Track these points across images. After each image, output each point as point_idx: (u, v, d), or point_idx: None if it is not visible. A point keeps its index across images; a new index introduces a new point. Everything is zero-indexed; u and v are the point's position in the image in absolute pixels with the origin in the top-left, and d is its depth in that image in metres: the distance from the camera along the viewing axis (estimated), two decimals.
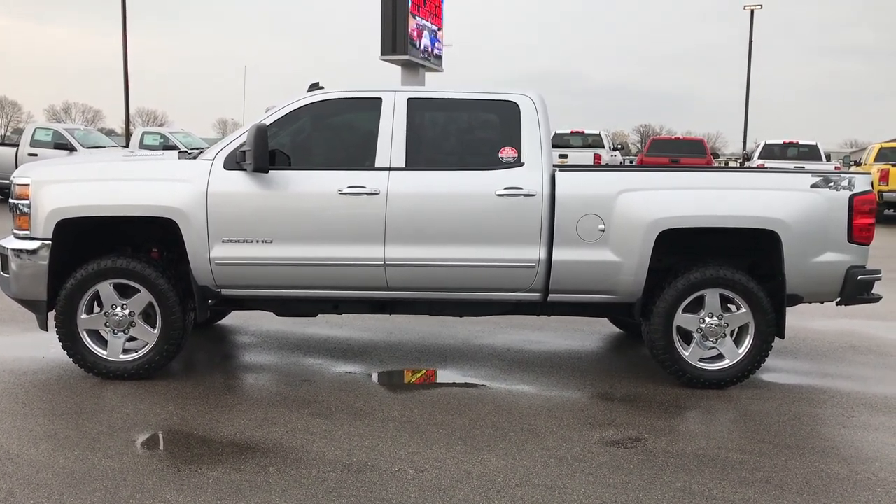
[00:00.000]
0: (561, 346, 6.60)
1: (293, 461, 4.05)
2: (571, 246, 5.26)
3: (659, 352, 5.38)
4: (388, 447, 4.26)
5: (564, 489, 3.78)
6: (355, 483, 3.80)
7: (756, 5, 38.94)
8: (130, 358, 5.34)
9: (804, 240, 5.24)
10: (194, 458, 4.08)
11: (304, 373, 5.68)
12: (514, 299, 5.48)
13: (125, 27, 30.73)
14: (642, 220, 5.21)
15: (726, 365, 5.37)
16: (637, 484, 3.86)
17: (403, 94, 5.46)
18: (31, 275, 5.24)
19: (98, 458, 4.04)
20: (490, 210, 5.26)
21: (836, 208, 5.29)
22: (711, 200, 5.31)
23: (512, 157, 5.35)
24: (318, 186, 5.30)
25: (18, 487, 3.69)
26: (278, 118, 5.40)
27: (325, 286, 5.38)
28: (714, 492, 3.79)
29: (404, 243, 5.26)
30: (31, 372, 5.51)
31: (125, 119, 33.83)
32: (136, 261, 5.28)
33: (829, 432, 4.69)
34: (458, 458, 4.12)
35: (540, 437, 4.46)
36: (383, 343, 6.57)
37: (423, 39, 24.57)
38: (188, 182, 5.25)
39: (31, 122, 27.63)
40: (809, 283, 5.34)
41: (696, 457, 4.22)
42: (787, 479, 3.95)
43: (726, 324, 5.34)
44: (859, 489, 3.87)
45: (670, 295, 5.30)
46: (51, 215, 5.21)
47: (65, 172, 5.51)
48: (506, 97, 5.50)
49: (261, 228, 5.26)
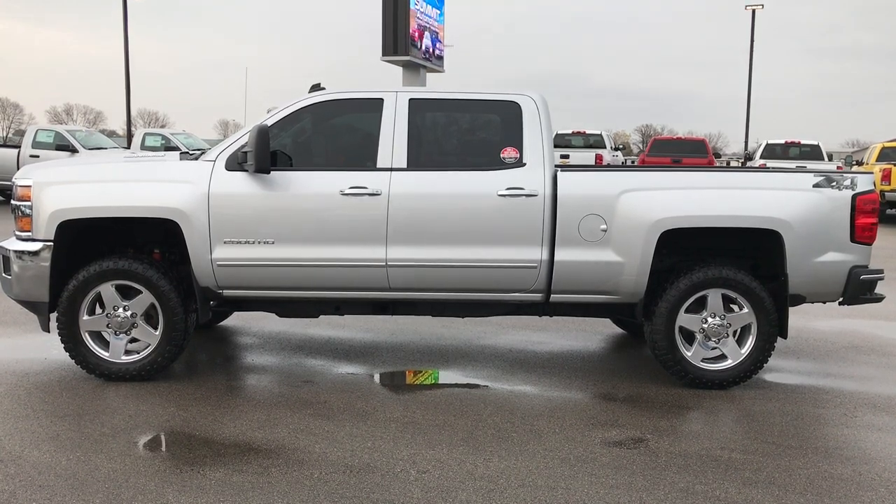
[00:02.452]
0: (563, 347, 6.59)
1: (295, 462, 4.05)
2: (573, 246, 5.26)
3: (661, 352, 5.37)
4: (391, 448, 4.25)
5: (567, 490, 3.78)
6: (357, 484, 3.80)
7: (757, 5, 38.88)
8: (132, 359, 5.34)
9: (807, 240, 5.23)
10: (196, 459, 4.08)
11: (306, 374, 5.67)
12: (516, 300, 5.47)
13: (126, 28, 30.75)
14: (644, 221, 5.21)
15: (729, 365, 5.36)
16: (640, 484, 3.85)
17: (405, 95, 5.45)
18: (33, 276, 5.24)
19: (100, 460, 4.04)
20: (492, 210, 5.25)
21: (839, 208, 5.28)
22: (714, 200, 5.31)
23: (514, 157, 5.35)
24: (320, 187, 5.29)
25: (21, 489, 3.69)
26: (280, 119, 5.40)
27: (327, 287, 5.37)
28: (717, 492, 3.78)
29: (406, 244, 5.26)
30: (32, 373, 5.51)
31: (127, 120, 33.86)
32: (138, 262, 5.28)
33: (833, 432, 4.68)
34: (461, 459, 4.12)
35: (542, 438, 4.45)
36: (385, 344, 6.57)
37: (424, 40, 24.58)
38: (190, 183, 5.25)
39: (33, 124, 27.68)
40: (812, 283, 5.34)
41: (699, 457, 4.21)
42: (791, 480, 3.94)
43: (729, 324, 5.34)
44: (863, 489, 3.86)
45: (672, 295, 5.29)
46: (52, 217, 5.21)
47: (66, 174, 5.51)
48: (507, 97, 5.49)
49: (262, 229, 5.26)
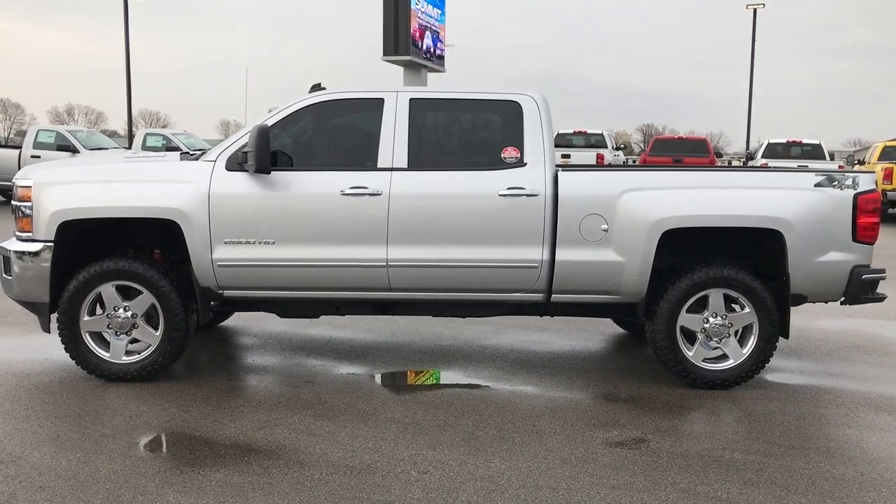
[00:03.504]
0: (564, 347, 6.58)
1: (296, 463, 4.04)
2: (574, 246, 5.25)
3: (663, 352, 5.36)
4: (392, 449, 4.25)
5: (568, 490, 3.77)
6: (358, 485, 3.79)
7: (759, 4, 38.86)
8: (133, 360, 5.34)
9: (808, 239, 5.22)
10: (197, 460, 4.07)
11: (306, 374, 5.67)
12: (516, 300, 5.46)
13: (127, 28, 30.77)
14: (645, 220, 5.20)
15: (730, 365, 5.35)
16: (641, 485, 3.84)
17: (406, 95, 5.45)
18: (34, 277, 5.24)
19: (101, 461, 4.03)
20: (493, 210, 5.24)
21: (841, 207, 5.27)
22: (715, 200, 5.29)
23: (514, 157, 5.34)
24: (321, 187, 5.29)
25: (21, 490, 3.69)
26: (280, 119, 5.39)
27: (328, 287, 5.37)
28: (719, 493, 3.77)
29: (407, 244, 5.25)
30: (33, 374, 5.51)
31: (128, 121, 33.90)
32: (139, 262, 5.27)
33: (834, 432, 4.67)
34: (462, 460, 4.11)
35: (543, 439, 4.44)
36: (386, 344, 6.56)
37: (424, 40, 24.56)
38: (190, 183, 5.24)
39: (34, 125, 27.66)
40: (813, 283, 5.32)
41: (700, 457, 4.20)
42: (792, 480, 3.93)
43: (730, 324, 5.32)
44: (865, 490, 3.85)
45: (674, 295, 5.28)
46: (53, 217, 5.21)
47: (67, 174, 5.51)
48: (508, 97, 5.48)
49: (263, 229, 5.25)
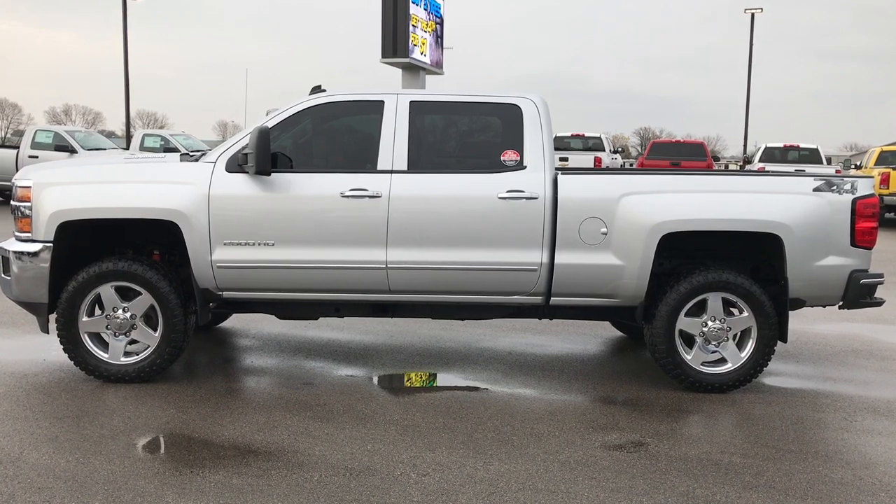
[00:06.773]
0: (563, 350, 6.59)
1: (295, 465, 4.04)
2: (574, 249, 5.25)
3: (661, 355, 5.37)
4: (390, 451, 4.25)
5: (567, 493, 3.77)
6: (357, 487, 3.79)
7: (756, 9, 39.02)
8: (132, 361, 5.34)
9: (807, 243, 5.23)
10: (196, 461, 4.07)
11: (305, 376, 5.67)
12: (516, 303, 5.47)
13: (126, 29, 30.78)
14: (644, 224, 5.21)
15: (729, 369, 5.35)
16: (640, 488, 3.85)
17: (406, 97, 5.45)
18: (33, 277, 5.24)
19: (99, 462, 4.03)
20: (492, 213, 5.25)
21: (839, 212, 5.28)
22: (713, 204, 5.30)
23: (514, 160, 5.35)
24: (320, 189, 5.29)
25: (19, 491, 3.68)
26: (280, 121, 5.39)
27: (327, 289, 5.37)
28: (717, 496, 3.77)
29: (406, 246, 5.25)
30: (31, 375, 5.50)
31: (126, 121, 33.89)
32: (138, 263, 5.27)
33: (832, 436, 4.68)
34: (461, 462, 4.11)
35: (542, 441, 4.45)
36: (385, 346, 6.56)
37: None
38: (190, 184, 5.24)
39: (32, 125, 27.64)
40: (812, 287, 5.33)
41: (698, 461, 4.21)
42: (791, 484, 3.94)
43: (729, 327, 5.33)
44: (863, 494, 3.85)
45: (673, 298, 5.29)
46: (52, 217, 5.20)
47: (66, 175, 5.51)
48: (508, 100, 5.49)
49: (262, 231, 5.25)
